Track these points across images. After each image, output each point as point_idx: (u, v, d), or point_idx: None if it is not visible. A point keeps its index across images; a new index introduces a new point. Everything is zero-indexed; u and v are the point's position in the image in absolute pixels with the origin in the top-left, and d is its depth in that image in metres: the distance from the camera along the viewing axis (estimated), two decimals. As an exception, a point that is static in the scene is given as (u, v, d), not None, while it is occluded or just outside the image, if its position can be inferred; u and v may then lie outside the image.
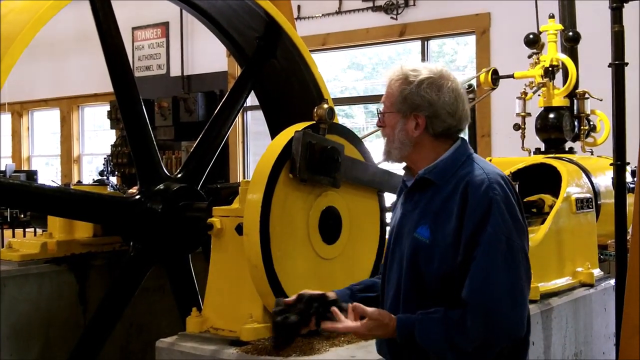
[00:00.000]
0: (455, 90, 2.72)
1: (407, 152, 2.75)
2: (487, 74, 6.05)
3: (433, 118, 2.70)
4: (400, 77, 2.74)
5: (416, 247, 2.65)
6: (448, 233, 2.59)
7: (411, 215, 2.73)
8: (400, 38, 10.31)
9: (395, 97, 2.74)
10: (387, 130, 2.77)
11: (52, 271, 4.21)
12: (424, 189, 2.72)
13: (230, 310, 3.63)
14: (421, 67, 2.74)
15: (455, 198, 2.61)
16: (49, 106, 14.03)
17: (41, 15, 3.43)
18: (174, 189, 4.28)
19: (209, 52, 11.17)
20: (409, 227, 2.72)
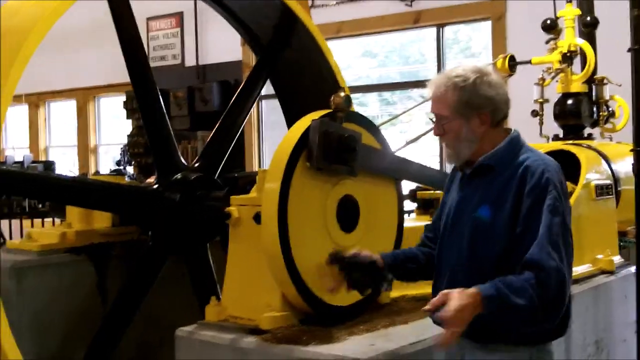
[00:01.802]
0: (499, 80, 3.01)
1: (475, 148, 3.00)
2: (504, 60, 6.01)
3: (494, 111, 2.97)
4: (450, 86, 2.96)
5: (477, 226, 2.91)
6: (507, 212, 2.84)
7: (471, 198, 2.99)
8: (415, 25, 10.27)
9: (454, 105, 2.96)
10: (450, 136, 3.02)
11: (71, 261, 4.22)
12: (484, 174, 2.98)
13: (249, 299, 3.63)
14: (463, 71, 2.98)
15: (514, 181, 2.87)
16: (65, 97, 14.09)
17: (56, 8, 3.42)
18: (191, 179, 4.28)
19: (223, 41, 11.14)
20: (469, 210, 2.97)
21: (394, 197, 4.08)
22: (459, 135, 2.98)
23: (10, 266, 3.94)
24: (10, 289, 3.77)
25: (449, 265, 3.02)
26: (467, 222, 2.95)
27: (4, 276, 3.45)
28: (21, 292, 3.93)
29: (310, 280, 3.54)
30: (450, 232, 3.05)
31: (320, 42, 4.79)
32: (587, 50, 5.77)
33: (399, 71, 11.28)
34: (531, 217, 2.80)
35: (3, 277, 3.38)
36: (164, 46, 12.53)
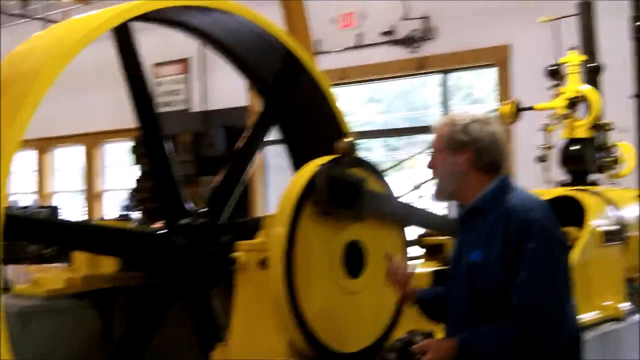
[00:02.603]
0: (496, 130, 3.13)
1: (456, 185, 3.14)
2: (512, 106, 6.04)
3: (480, 152, 3.09)
4: (448, 122, 3.17)
5: (471, 268, 3.04)
6: (496, 253, 2.96)
7: (467, 241, 3.13)
8: (420, 71, 10.34)
9: (444, 138, 3.14)
10: (438, 170, 3.19)
11: (76, 307, 4.20)
12: (475, 217, 3.11)
13: (255, 344, 3.62)
14: (465, 113, 3.19)
15: (500, 222, 2.99)
16: (72, 142, 14.15)
17: (68, 51, 3.46)
18: (197, 223, 4.28)
19: (229, 87, 11.22)
20: (465, 253, 3.10)
21: (400, 242, 4.07)
22: (444, 168, 3.15)
23: (17, 311, 3.93)
24: (16, 334, 3.75)
25: (454, 302, 3.18)
26: (464, 265, 3.09)
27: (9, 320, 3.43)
28: (26, 336, 3.91)
29: (316, 325, 3.53)
30: (453, 274, 3.22)
31: (325, 87, 4.82)
32: (592, 96, 5.79)
33: (403, 117, 11.34)
34: (515, 260, 2.91)
35: (9, 321, 3.36)
36: (170, 92, 12.64)
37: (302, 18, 4.89)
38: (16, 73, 3.47)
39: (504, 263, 2.93)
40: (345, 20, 10.84)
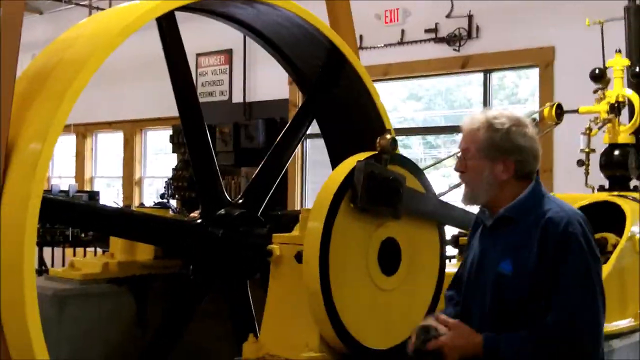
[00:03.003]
0: (534, 135, 3.00)
1: (493, 194, 2.99)
2: (551, 109, 5.99)
3: (521, 162, 2.96)
4: (484, 125, 2.97)
5: (499, 280, 2.91)
6: (529, 265, 2.84)
7: (492, 251, 2.99)
8: (462, 70, 10.28)
9: (483, 144, 2.96)
10: (470, 175, 3.02)
11: (112, 292, 4.25)
12: (504, 226, 2.97)
13: (287, 337, 3.63)
14: (501, 115, 2.99)
15: (535, 233, 2.86)
16: (112, 129, 14.28)
17: (110, 41, 3.49)
18: (234, 215, 4.30)
19: (270, 79, 11.25)
20: (490, 263, 2.97)
21: (436, 241, 4.05)
22: (479, 176, 2.98)
23: (52, 294, 3.97)
24: (51, 317, 3.80)
25: (474, 315, 3.03)
26: (489, 276, 2.96)
27: (45, 304, 3.48)
28: (61, 320, 3.95)
29: (349, 321, 3.53)
30: (474, 283, 3.07)
31: (367, 83, 4.80)
32: (636, 102, 5.72)
33: (443, 115, 11.29)
34: (554, 276, 2.81)
35: (45, 304, 3.40)
36: (212, 82, 12.70)
37: (347, 13, 4.87)
38: (60, 60, 3.51)
39: (537, 277, 2.83)
40: (390, 16, 10.80)
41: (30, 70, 3.63)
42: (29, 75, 3.59)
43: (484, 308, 2.98)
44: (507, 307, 2.90)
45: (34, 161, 3.19)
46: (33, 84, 3.48)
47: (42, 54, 3.72)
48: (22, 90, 3.43)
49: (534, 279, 2.83)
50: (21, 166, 3.22)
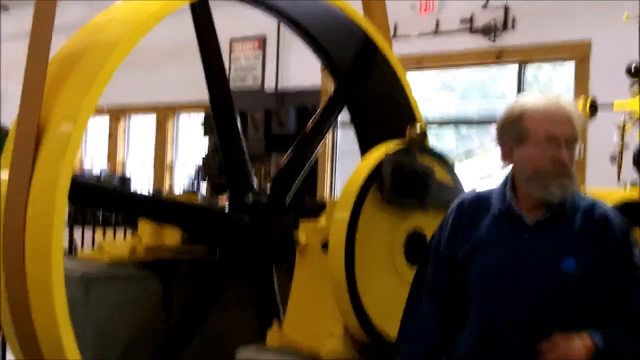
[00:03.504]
0: None
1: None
2: (585, 103, 5.92)
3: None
4: (577, 110, 2.74)
5: (560, 281, 2.65)
6: (596, 263, 2.66)
7: (540, 248, 2.69)
8: (497, 61, 10.20)
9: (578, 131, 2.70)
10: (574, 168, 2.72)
11: (138, 275, 4.28)
12: (553, 221, 2.70)
13: (311, 326, 3.64)
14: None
15: (593, 229, 2.68)
16: (145, 111, 14.35)
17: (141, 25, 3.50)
18: (262, 202, 4.31)
19: (303, 67, 11.21)
20: (543, 262, 2.67)
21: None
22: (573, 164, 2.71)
23: (80, 275, 4.01)
24: (78, 299, 3.84)
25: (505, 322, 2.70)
26: (543, 277, 2.67)
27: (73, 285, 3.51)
28: (88, 302, 3.99)
29: (373, 311, 3.53)
30: (509, 285, 2.69)
31: (400, 74, 4.79)
32: (672, 98, 5.64)
33: (477, 106, 11.21)
34: (628, 270, 2.68)
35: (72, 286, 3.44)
36: (245, 68, 12.69)
37: (381, 3, 4.85)
38: (92, 43, 3.53)
39: (600, 278, 2.66)
40: (426, 5, 10.74)
41: (62, 53, 3.66)
42: (62, 57, 3.62)
43: (530, 314, 2.66)
44: (566, 311, 2.66)
45: (64, 143, 3.22)
46: (65, 66, 3.51)
47: (75, 37, 3.75)
48: (55, 72, 3.46)
49: (598, 281, 2.66)
50: (51, 147, 3.26)
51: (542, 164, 2.66)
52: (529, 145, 2.68)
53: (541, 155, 2.66)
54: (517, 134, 2.71)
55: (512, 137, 2.73)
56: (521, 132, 2.70)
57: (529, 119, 2.69)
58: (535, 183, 2.68)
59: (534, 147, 2.67)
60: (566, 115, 2.67)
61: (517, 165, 2.75)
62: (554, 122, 2.66)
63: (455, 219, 2.84)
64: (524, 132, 2.69)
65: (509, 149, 2.75)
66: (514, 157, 2.75)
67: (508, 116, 2.76)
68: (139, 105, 14.20)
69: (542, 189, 2.67)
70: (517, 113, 2.73)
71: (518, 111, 2.73)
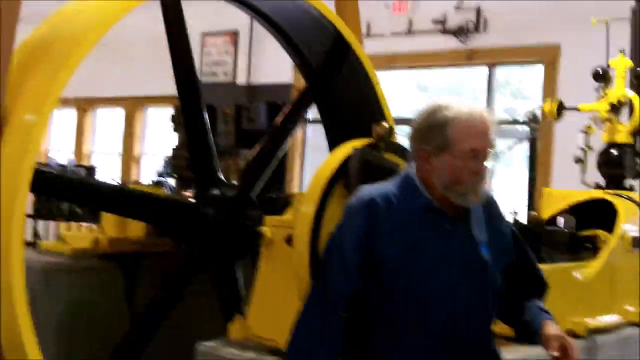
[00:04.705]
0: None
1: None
2: (552, 105, 5.98)
3: None
4: (493, 121, 2.80)
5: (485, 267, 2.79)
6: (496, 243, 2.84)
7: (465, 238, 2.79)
8: (467, 62, 10.26)
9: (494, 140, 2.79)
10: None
11: (101, 267, 4.26)
12: (466, 213, 2.82)
13: (274, 319, 3.64)
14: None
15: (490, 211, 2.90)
16: (113, 104, 14.26)
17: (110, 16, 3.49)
18: (228, 196, 4.30)
19: (275, 63, 11.20)
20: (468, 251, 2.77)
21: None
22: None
23: (41, 267, 3.98)
24: (39, 290, 3.81)
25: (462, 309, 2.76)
26: (474, 266, 2.78)
27: (33, 276, 3.48)
28: (49, 293, 3.96)
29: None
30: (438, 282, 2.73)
31: (370, 72, 4.81)
32: (636, 102, 5.72)
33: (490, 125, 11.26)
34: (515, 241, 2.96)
35: (33, 277, 3.41)
36: (217, 62, 12.65)
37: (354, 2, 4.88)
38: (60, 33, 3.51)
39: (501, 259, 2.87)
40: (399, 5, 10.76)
41: (28, 42, 3.62)
42: (28, 47, 3.58)
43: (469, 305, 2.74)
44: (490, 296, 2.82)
45: (28, 133, 3.19)
46: (31, 55, 3.48)
47: (41, 26, 3.71)
48: (20, 60, 3.43)
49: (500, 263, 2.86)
50: (14, 138, 3.23)
51: (463, 176, 2.72)
52: (451, 156, 2.73)
53: (463, 167, 2.72)
54: (440, 142, 2.74)
55: (433, 143, 2.75)
56: (444, 141, 2.73)
57: (453, 130, 2.73)
58: (454, 191, 2.75)
59: (457, 158, 2.72)
60: (488, 128, 2.74)
61: (435, 171, 2.77)
62: (477, 136, 2.72)
63: (369, 220, 2.77)
64: (447, 142, 2.73)
65: (428, 154, 2.77)
66: (433, 163, 2.77)
67: (431, 122, 2.78)
68: (107, 97, 14.11)
69: (461, 197, 2.74)
70: (441, 121, 2.75)
71: (442, 119, 2.75)
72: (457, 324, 2.73)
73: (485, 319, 2.84)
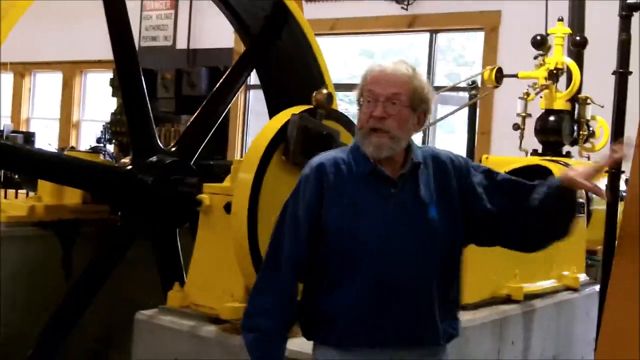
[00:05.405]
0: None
1: (404, 145, 2.81)
2: (491, 72, 6.04)
3: (427, 115, 2.87)
4: (415, 75, 2.81)
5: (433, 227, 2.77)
6: (453, 200, 2.83)
7: (409, 199, 2.79)
8: (409, 29, 10.27)
9: (412, 93, 2.77)
10: (396, 123, 2.75)
11: (37, 235, 4.19)
12: (413, 173, 2.81)
13: (213, 287, 3.63)
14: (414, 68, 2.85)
15: (444, 173, 2.86)
16: (51, 69, 13.99)
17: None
18: (166, 162, 4.26)
19: (216, 27, 11.08)
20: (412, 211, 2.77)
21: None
22: (404, 126, 2.77)
23: (-24, 235, 3.92)
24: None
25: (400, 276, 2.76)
26: (417, 227, 2.78)
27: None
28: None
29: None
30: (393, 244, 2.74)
31: (310, 37, 4.78)
32: (574, 69, 5.80)
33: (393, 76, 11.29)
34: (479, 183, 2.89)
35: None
36: (157, 27, 12.46)
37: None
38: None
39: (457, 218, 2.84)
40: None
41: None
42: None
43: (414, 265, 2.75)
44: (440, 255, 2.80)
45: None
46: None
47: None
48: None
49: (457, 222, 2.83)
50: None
51: (363, 122, 2.79)
52: (361, 106, 2.81)
53: (363, 114, 2.78)
54: (357, 97, 2.84)
55: (358, 100, 2.84)
56: (359, 95, 2.83)
57: (363, 81, 2.82)
58: (360, 141, 2.80)
59: (363, 107, 2.79)
60: (393, 77, 2.77)
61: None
62: (377, 83, 2.77)
63: (317, 184, 2.80)
64: (360, 94, 2.82)
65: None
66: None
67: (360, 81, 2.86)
68: (45, 62, 13.83)
69: (364, 146, 2.78)
70: (363, 77, 2.84)
71: (363, 76, 2.84)
72: (390, 278, 2.74)
73: (427, 281, 2.79)
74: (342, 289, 2.75)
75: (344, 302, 2.74)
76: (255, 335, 2.76)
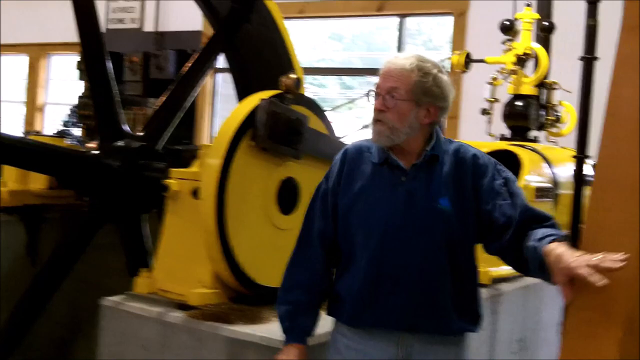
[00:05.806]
0: (450, 83, 2.94)
1: (412, 136, 2.88)
2: (460, 57, 6.05)
3: (442, 109, 2.91)
4: (415, 66, 2.86)
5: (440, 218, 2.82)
6: (467, 197, 2.84)
7: (419, 191, 2.85)
8: (378, 13, 10.25)
9: (414, 87, 2.84)
10: (394, 116, 2.85)
11: (2, 221, 4.15)
12: (428, 166, 2.88)
13: (180, 273, 3.61)
14: (426, 59, 2.91)
15: (462, 168, 2.87)
16: (16, 51, 13.80)
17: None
18: (133, 147, 4.22)
19: (184, 10, 10.99)
20: (422, 204, 2.84)
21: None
22: (404, 118, 2.84)
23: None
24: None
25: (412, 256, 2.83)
26: (423, 216, 2.83)
27: None
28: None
29: (244, 259, 3.53)
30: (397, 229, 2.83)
31: (278, 21, 4.75)
32: (541, 55, 5.82)
33: (361, 57, 11.28)
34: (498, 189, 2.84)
35: None
36: (124, 9, 12.32)
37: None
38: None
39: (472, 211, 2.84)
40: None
41: None
42: None
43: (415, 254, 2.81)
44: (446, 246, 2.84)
45: None
46: None
47: None
48: None
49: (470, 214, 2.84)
50: None
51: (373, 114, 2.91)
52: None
53: (373, 105, 2.91)
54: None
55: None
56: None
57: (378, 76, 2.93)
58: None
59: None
60: (393, 71, 2.87)
61: None
62: (381, 77, 2.90)
63: (339, 169, 2.97)
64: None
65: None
66: None
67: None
68: (10, 44, 13.63)
69: (371, 135, 2.92)
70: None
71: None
72: (390, 262, 2.82)
73: (433, 270, 2.84)
74: (350, 270, 2.90)
75: (350, 282, 2.88)
76: (288, 307, 2.96)
